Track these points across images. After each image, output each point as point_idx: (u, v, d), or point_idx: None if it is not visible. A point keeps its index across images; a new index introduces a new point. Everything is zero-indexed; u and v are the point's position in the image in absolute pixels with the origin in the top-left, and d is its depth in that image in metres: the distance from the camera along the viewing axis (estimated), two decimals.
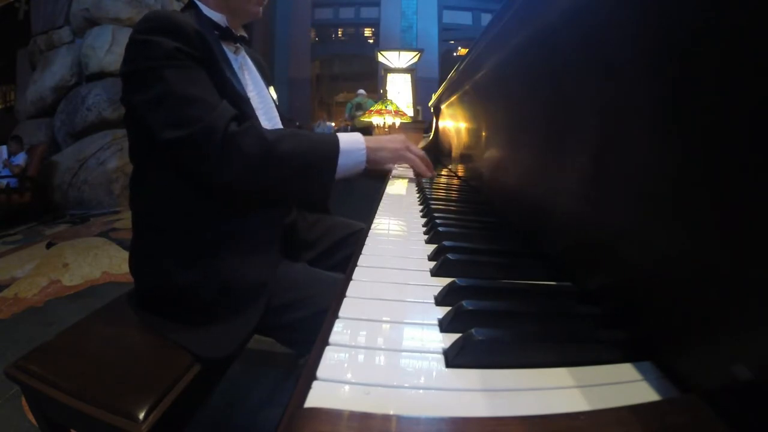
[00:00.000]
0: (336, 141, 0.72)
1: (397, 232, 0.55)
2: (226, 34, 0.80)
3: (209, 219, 0.70)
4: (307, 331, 0.66)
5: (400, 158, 0.82)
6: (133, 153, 0.74)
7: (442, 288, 0.35)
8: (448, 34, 11.67)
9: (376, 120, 4.29)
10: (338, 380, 0.23)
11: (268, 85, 0.93)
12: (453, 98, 1.18)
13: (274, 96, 0.94)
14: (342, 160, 0.71)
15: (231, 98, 0.71)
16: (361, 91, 6.79)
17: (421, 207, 0.68)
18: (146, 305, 0.73)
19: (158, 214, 0.72)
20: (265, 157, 0.65)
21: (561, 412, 0.21)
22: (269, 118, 0.86)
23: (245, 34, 0.87)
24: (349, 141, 0.73)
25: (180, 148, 0.64)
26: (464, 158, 1.04)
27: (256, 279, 0.69)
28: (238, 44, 0.84)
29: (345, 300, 0.32)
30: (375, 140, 0.77)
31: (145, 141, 0.70)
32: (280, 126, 0.89)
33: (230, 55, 0.79)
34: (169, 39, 0.65)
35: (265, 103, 0.87)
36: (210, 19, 0.77)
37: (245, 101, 0.75)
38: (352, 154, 0.73)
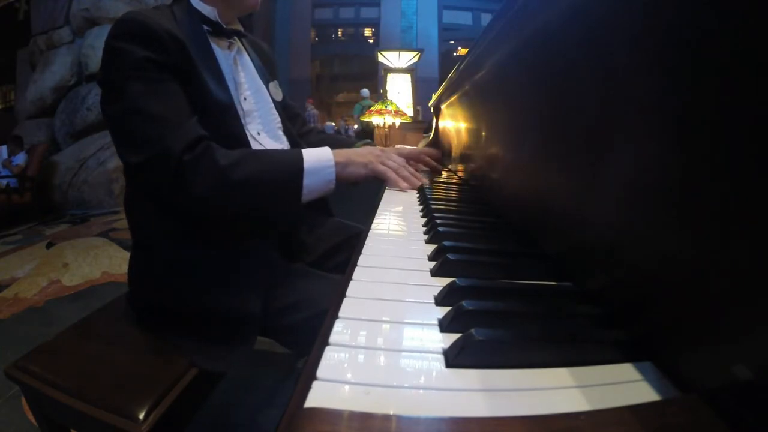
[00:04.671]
0: (299, 160, 0.65)
1: (397, 232, 0.55)
2: (217, 30, 0.76)
3: (198, 237, 0.68)
4: (306, 333, 0.66)
5: (371, 172, 0.73)
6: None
7: (442, 288, 0.35)
8: (448, 34, 11.67)
9: (376, 120, 4.29)
10: (338, 380, 0.23)
11: (271, 78, 0.87)
12: (453, 98, 1.17)
13: (278, 92, 0.88)
14: (308, 181, 0.65)
15: (211, 108, 0.67)
16: (365, 90, 6.78)
17: (421, 207, 0.68)
18: (145, 308, 0.73)
19: (149, 227, 0.71)
20: (219, 186, 0.61)
21: (561, 412, 0.21)
22: (265, 123, 0.81)
23: (240, 28, 0.82)
24: (316, 159, 0.66)
25: (139, 172, 0.62)
26: (464, 158, 1.04)
27: (253, 300, 0.67)
28: (231, 39, 0.79)
29: (345, 300, 0.32)
30: (344, 155, 0.70)
31: None
32: (278, 129, 0.84)
33: (221, 54, 0.75)
34: (139, 47, 0.61)
35: (261, 104, 0.81)
36: (199, 13, 0.73)
37: (228, 110, 0.71)
38: (320, 172, 0.66)
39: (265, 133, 0.81)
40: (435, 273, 0.39)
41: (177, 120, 0.62)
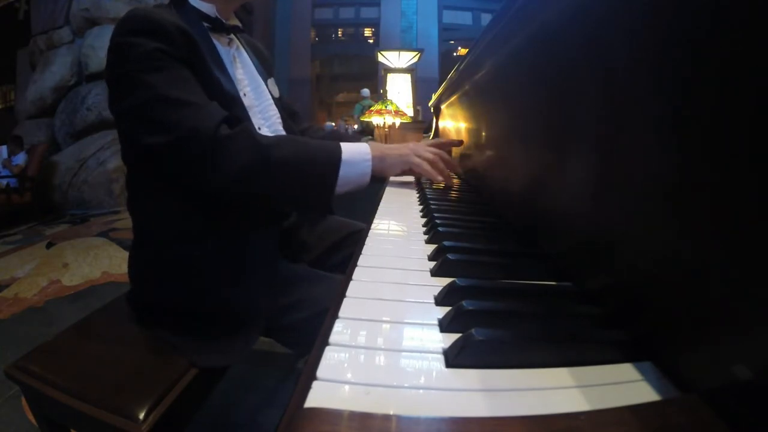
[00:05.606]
0: (338, 150, 0.65)
1: (397, 232, 0.55)
2: (217, 26, 0.76)
3: (205, 234, 0.68)
4: (307, 332, 0.66)
5: (406, 165, 0.74)
6: (126, 159, 0.72)
7: (442, 288, 0.35)
8: (448, 34, 11.66)
9: (376, 120, 4.28)
10: (338, 380, 0.23)
11: (268, 76, 0.88)
12: (453, 98, 1.17)
13: (275, 89, 0.88)
14: (344, 171, 0.64)
15: (219, 100, 0.66)
16: (365, 90, 6.78)
17: (421, 207, 0.68)
18: (146, 308, 0.73)
19: (153, 226, 0.70)
20: (258, 164, 0.60)
21: (561, 412, 0.21)
22: (266, 118, 0.82)
23: (238, 23, 0.82)
24: (354, 151, 0.66)
25: (164, 154, 0.61)
26: (464, 158, 1.04)
27: (256, 298, 0.68)
28: (231, 36, 0.79)
29: (345, 300, 0.32)
30: (379, 149, 0.70)
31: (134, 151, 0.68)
32: (279, 124, 0.85)
33: (221, 49, 0.75)
34: (148, 40, 0.61)
35: (261, 100, 0.82)
36: (198, 11, 0.73)
37: (236, 102, 0.71)
38: (357, 165, 0.66)
39: (266, 128, 0.81)
40: (435, 273, 0.39)
41: (201, 102, 0.62)
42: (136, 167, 0.71)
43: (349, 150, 0.66)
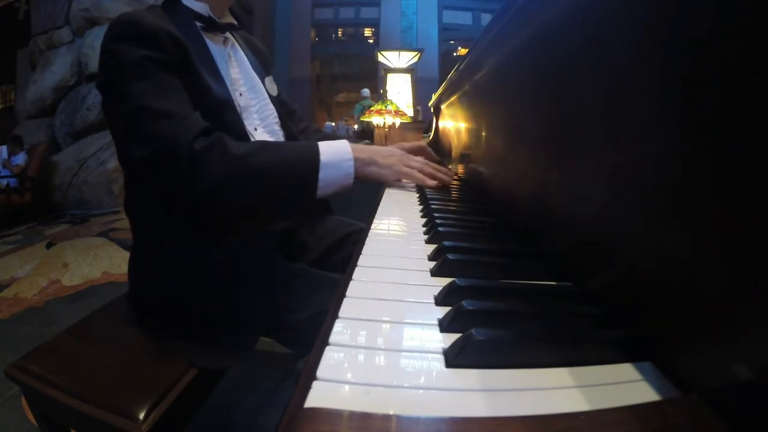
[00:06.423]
0: (315, 152, 0.62)
1: (397, 232, 0.55)
2: (210, 25, 0.75)
3: (202, 236, 0.67)
4: (307, 332, 0.66)
5: (396, 175, 0.72)
6: (122, 162, 0.71)
7: (442, 288, 0.35)
8: (448, 34, 11.66)
9: (376, 120, 4.28)
10: (338, 380, 0.23)
11: (266, 74, 0.87)
12: (453, 98, 1.17)
13: (273, 87, 0.87)
14: (324, 173, 0.62)
15: (210, 104, 0.66)
16: (365, 90, 6.78)
17: (421, 207, 0.68)
18: (146, 308, 0.73)
19: (151, 227, 0.70)
20: (232, 174, 0.59)
21: (561, 412, 0.21)
22: (262, 118, 0.81)
23: (233, 21, 0.81)
24: (333, 152, 0.63)
25: (145, 166, 0.60)
26: (464, 158, 1.04)
27: (256, 298, 0.68)
28: (226, 34, 0.79)
29: (345, 300, 0.32)
30: (367, 152, 0.68)
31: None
32: (276, 124, 0.84)
33: (216, 49, 0.74)
34: (137, 46, 0.61)
35: (258, 100, 0.81)
36: (191, 10, 0.73)
37: (227, 106, 0.70)
38: (337, 166, 0.63)
39: (262, 129, 0.80)
40: (435, 273, 0.39)
41: (183, 113, 0.61)
42: (133, 174, 0.71)
43: (328, 150, 0.64)
